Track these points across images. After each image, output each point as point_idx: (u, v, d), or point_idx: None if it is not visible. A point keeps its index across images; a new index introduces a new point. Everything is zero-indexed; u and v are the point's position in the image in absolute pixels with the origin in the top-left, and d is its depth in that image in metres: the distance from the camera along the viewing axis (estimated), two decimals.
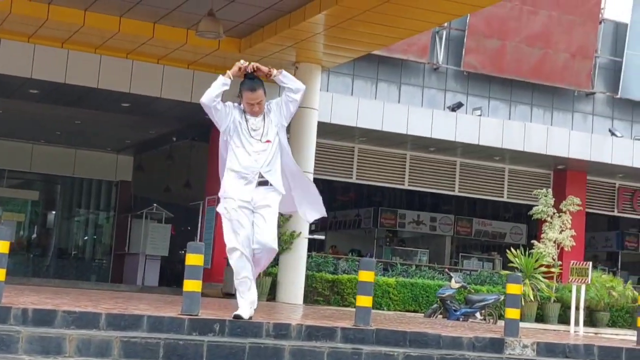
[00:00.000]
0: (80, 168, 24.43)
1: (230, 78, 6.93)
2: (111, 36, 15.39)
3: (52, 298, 8.25)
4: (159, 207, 23.11)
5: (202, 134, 20.29)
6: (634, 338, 9.37)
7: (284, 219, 15.47)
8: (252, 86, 6.83)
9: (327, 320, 8.51)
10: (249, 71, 6.91)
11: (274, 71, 6.92)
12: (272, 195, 7.01)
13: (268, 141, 6.96)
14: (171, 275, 23.69)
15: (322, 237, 27.09)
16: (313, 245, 21.91)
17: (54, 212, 26.42)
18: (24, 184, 25.21)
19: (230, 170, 6.94)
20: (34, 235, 26.10)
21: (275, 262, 15.87)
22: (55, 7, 14.45)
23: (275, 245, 7.00)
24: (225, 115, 6.97)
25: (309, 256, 17.16)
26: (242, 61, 6.97)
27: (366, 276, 7.68)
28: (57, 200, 26.42)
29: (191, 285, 6.84)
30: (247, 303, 6.88)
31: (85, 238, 27.85)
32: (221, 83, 6.92)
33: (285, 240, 15.61)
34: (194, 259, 6.85)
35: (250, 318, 6.82)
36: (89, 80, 16.28)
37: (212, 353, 6.16)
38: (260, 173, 6.92)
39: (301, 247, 16.47)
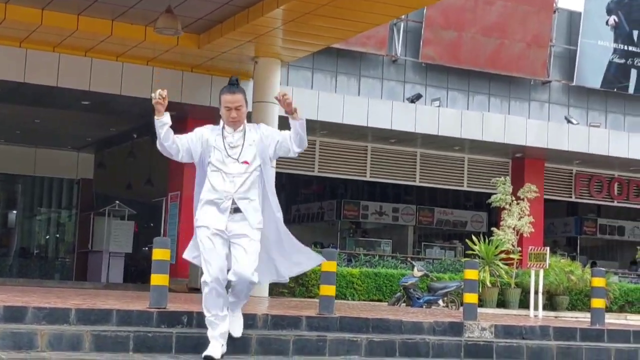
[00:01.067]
0: (41, 167, 24.33)
1: (160, 114, 6.24)
2: (69, 34, 15.38)
3: (19, 296, 8.33)
4: (121, 204, 23.12)
5: None
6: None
7: None
8: (231, 89, 6.30)
9: (292, 310, 8.69)
10: (277, 98, 6.32)
11: (299, 113, 6.31)
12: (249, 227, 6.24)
13: (246, 162, 6.25)
14: (135, 272, 23.71)
15: None
16: None
17: (15, 212, 26.27)
18: None
19: (203, 198, 6.28)
20: None
21: None
22: (13, 6, 14.41)
23: (254, 278, 6.17)
24: (191, 144, 6.37)
25: None
26: (154, 94, 6.22)
27: (329, 266, 7.90)
28: (18, 199, 26.28)
29: (158, 279, 7.00)
30: (218, 342, 6.15)
31: (48, 237, 27.75)
32: (158, 126, 6.28)
33: None
34: (160, 253, 7.01)
35: (222, 357, 6.18)
36: (48, 79, 16.24)
37: (180, 344, 6.33)
38: (233, 199, 6.21)
39: None
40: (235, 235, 6.20)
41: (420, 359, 7.27)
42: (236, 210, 6.22)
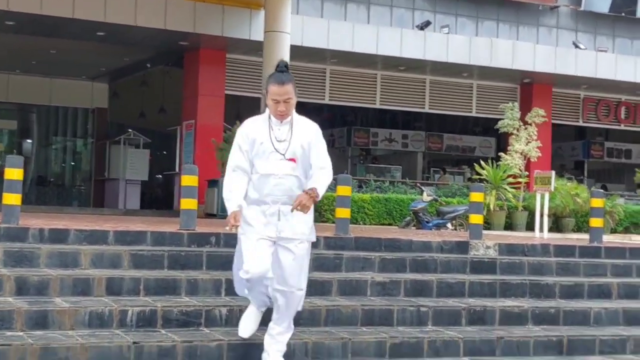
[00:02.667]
0: (56, 96, 24.69)
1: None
2: None
3: (54, 220, 8.89)
4: (136, 133, 23.55)
5: (176, 61, 20.65)
6: None
7: None
8: (280, 79, 5.55)
9: None
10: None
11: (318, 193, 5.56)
12: (302, 229, 5.67)
13: (292, 160, 5.59)
14: (150, 199, 24.26)
15: None
16: None
17: (32, 141, 26.75)
18: (2, 114, 25.46)
19: (250, 197, 5.64)
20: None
21: None
22: None
23: (301, 287, 5.66)
24: (249, 156, 5.67)
25: None
26: (227, 228, 5.51)
27: (344, 191, 8.43)
28: (34, 129, 26.72)
29: (188, 203, 7.53)
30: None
31: (64, 165, 28.25)
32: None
33: None
34: (188, 179, 7.50)
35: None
36: (64, 11, 16.50)
37: (210, 262, 6.91)
38: (279, 206, 5.60)
39: None
40: (286, 238, 5.61)
41: (429, 274, 7.81)
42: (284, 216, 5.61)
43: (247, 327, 5.86)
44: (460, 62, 20.70)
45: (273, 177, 5.58)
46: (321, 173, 5.64)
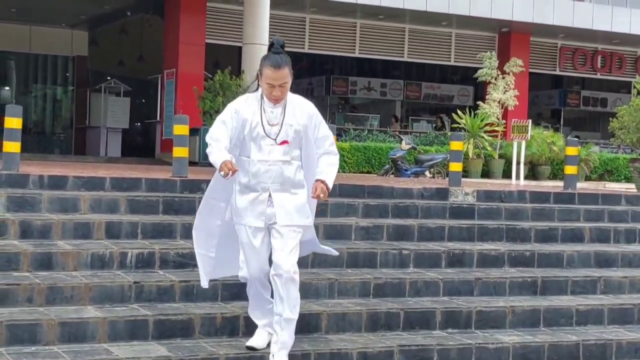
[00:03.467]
0: (36, 44, 24.60)
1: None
2: None
3: (44, 167, 9.13)
4: (116, 81, 23.60)
5: (156, 9, 20.68)
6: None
7: (242, 90, 16.15)
8: (276, 62, 5.24)
9: None
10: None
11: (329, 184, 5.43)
12: (296, 217, 5.40)
13: (285, 142, 5.32)
14: (131, 147, 24.38)
15: None
16: None
17: (12, 89, 26.70)
18: None
19: (240, 182, 5.40)
20: None
21: None
22: None
23: (296, 273, 5.35)
24: (234, 133, 5.37)
25: None
26: (222, 173, 5.18)
27: None
28: (13, 76, 26.65)
29: (179, 151, 7.81)
30: (264, 331, 5.68)
31: (45, 113, 28.25)
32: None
33: None
34: (180, 129, 7.78)
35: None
36: None
37: None
38: (270, 192, 5.37)
39: None
40: (276, 224, 5.37)
41: (410, 219, 8.17)
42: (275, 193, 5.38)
43: (258, 342, 5.63)
44: (439, 10, 20.88)
45: (263, 163, 5.32)
46: (327, 160, 5.46)
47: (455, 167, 9.49)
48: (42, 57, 26.20)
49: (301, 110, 5.43)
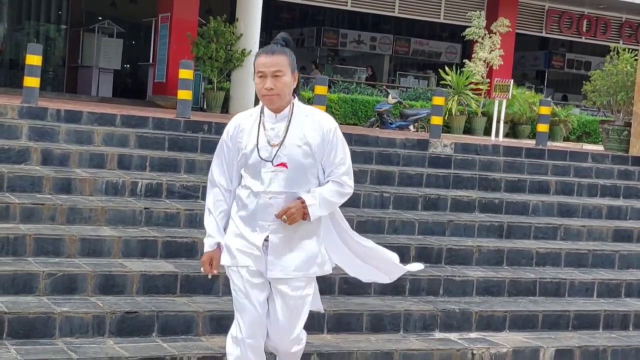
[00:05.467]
0: None
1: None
2: None
3: (54, 102, 9.76)
4: (110, 22, 23.99)
5: None
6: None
7: (235, 38, 16.68)
8: (270, 48, 4.23)
9: None
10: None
11: (311, 215, 4.22)
12: (299, 263, 4.26)
13: (282, 165, 4.16)
14: (121, 88, 24.83)
15: None
16: None
17: (4, 25, 26.94)
18: None
19: (235, 222, 4.30)
20: None
21: (228, 77, 17.17)
22: None
23: (298, 345, 4.41)
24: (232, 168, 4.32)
25: None
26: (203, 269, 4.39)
27: (320, 90, 9.44)
28: (4, 12, 26.86)
29: (184, 94, 8.49)
30: None
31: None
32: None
33: (237, 58, 16.88)
34: (185, 73, 8.43)
35: None
36: None
37: (204, 146, 7.95)
38: (269, 233, 4.22)
39: (250, 64, 17.80)
40: (275, 279, 4.23)
41: (392, 166, 8.92)
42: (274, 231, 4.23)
43: None
44: None
45: (262, 195, 4.17)
46: (330, 186, 4.27)
47: (437, 120, 10.22)
48: None
49: (314, 126, 4.21)
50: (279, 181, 4.16)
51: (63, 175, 6.80)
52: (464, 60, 20.88)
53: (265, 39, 24.18)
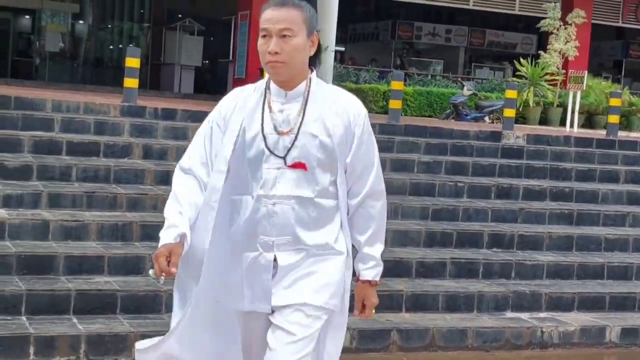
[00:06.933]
0: None
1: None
2: None
3: (146, 100, 10.45)
4: (191, 20, 24.79)
5: None
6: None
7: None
8: (279, 1, 3.04)
9: None
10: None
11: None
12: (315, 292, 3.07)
13: (299, 165, 3.04)
14: (202, 84, 25.61)
15: (342, 49, 28.67)
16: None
17: (92, 24, 27.98)
18: None
19: (217, 239, 3.07)
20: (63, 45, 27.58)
21: None
22: None
23: None
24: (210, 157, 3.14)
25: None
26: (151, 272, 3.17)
27: (397, 85, 9.92)
28: (95, 12, 27.91)
29: None
30: None
31: (121, 48, 29.57)
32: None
33: None
34: None
35: None
36: None
37: None
38: (275, 250, 3.06)
39: (329, 59, 18.27)
40: (282, 306, 3.06)
41: (466, 157, 9.35)
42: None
43: None
44: None
45: (265, 201, 3.03)
46: (368, 223, 3.31)
47: (509, 112, 10.60)
48: None
49: (337, 110, 3.08)
50: (286, 181, 3.02)
51: (162, 168, 7.45)
52: (540, 52, 20.98)
53: (341, 34, 24.72)
